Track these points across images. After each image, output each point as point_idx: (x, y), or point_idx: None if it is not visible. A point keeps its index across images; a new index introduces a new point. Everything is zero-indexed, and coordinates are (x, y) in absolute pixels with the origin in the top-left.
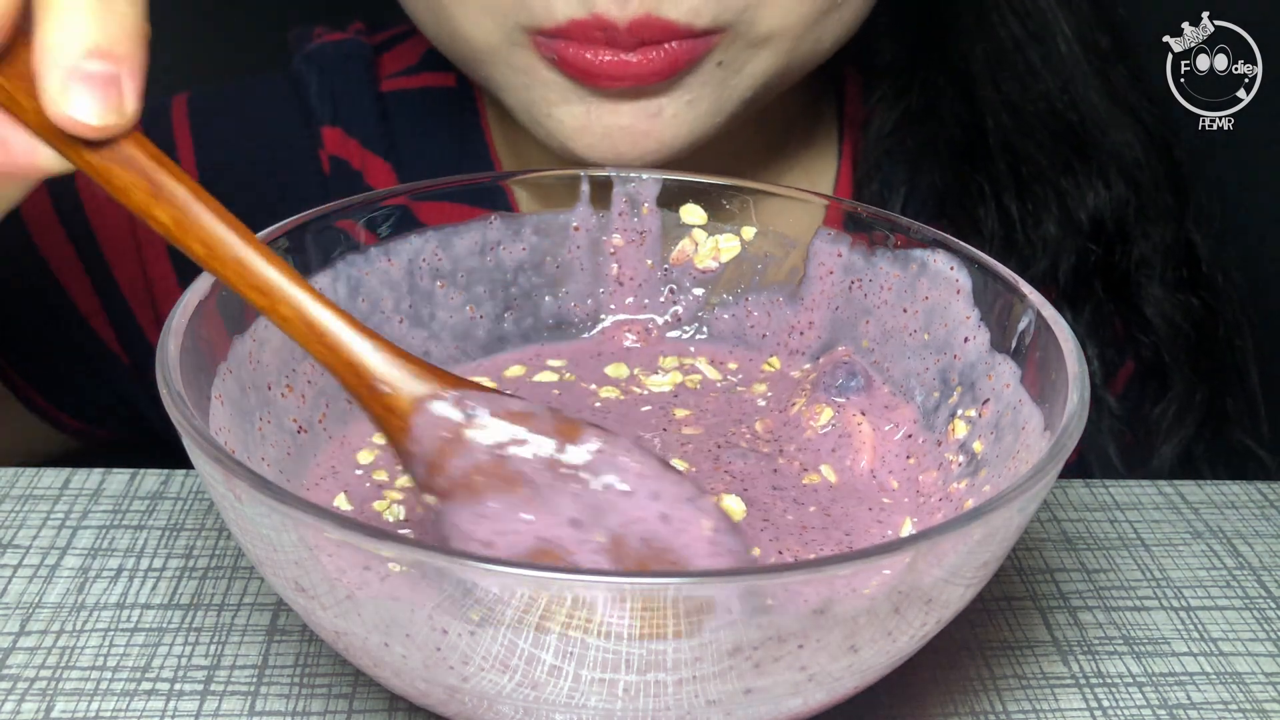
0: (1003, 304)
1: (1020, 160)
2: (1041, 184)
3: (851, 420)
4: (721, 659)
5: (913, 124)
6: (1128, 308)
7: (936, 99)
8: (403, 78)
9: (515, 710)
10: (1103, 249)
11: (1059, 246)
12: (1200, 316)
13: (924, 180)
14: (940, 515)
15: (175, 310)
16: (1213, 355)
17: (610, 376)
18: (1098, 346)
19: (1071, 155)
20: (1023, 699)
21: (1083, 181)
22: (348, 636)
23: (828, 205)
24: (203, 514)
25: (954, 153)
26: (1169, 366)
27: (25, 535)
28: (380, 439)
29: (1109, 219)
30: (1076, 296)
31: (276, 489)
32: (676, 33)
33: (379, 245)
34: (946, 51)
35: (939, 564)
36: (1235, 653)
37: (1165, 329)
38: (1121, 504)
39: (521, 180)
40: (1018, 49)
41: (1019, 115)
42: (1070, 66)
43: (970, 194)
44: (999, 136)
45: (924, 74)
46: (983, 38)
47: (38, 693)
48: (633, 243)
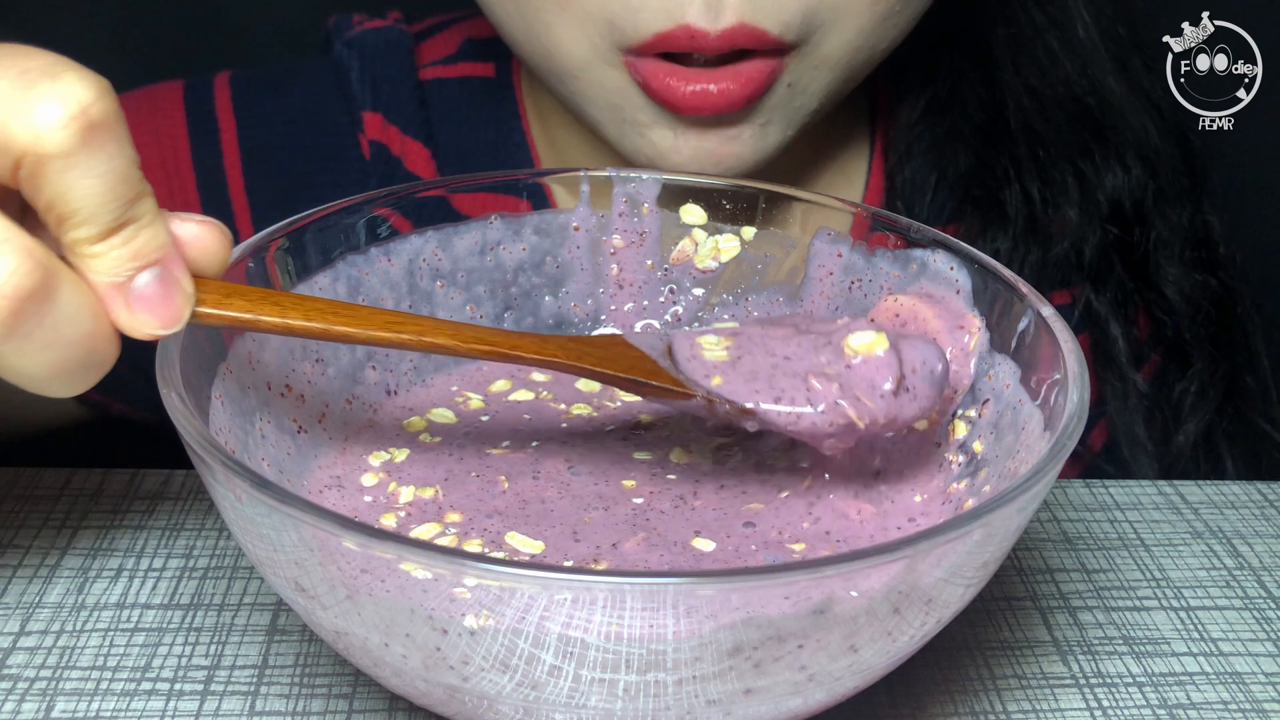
0: (1002, 304)
1: (1040, 143)
2: (1061, 166)
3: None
4: (721, 659)
5: (939, 110)
6: (1148, 288)
7: (960, 84)
8: (441, 66)
9: (515, 710)
10: (1122, 231)
11: (1081, 227)
12: (1219, 295)
13: (951, 166)
14: (940, 515)
15: None
16: (1231, 333)
17: (583, 392)
18: (1123, 325)
19: (1090, 139)
20: (1023, 699)
21: (1101, 164)
22: (348, 636)
23: (833, 206)
24: (203, 514)
25: (978, 136)
26: (1190, 344)
27: (25, 535)
28: (383, 454)
29: (1128, 201)
30: (1100, 275)
31: (276, 489)
32: (766, 42)
33: (379, 245)
34: (969, 37)
35: (939, 564)
36: (1235, 653)
37: (1185, 307)
38: (1121, 504)
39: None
40: (1038, 34)
41: (1038, 99)
42: (1089, 52)
43: (995, 176)
44: (1019, 119)
45: (949, 60)
46: (1004, 22)
47: (38, 693)
48: (633, 243)
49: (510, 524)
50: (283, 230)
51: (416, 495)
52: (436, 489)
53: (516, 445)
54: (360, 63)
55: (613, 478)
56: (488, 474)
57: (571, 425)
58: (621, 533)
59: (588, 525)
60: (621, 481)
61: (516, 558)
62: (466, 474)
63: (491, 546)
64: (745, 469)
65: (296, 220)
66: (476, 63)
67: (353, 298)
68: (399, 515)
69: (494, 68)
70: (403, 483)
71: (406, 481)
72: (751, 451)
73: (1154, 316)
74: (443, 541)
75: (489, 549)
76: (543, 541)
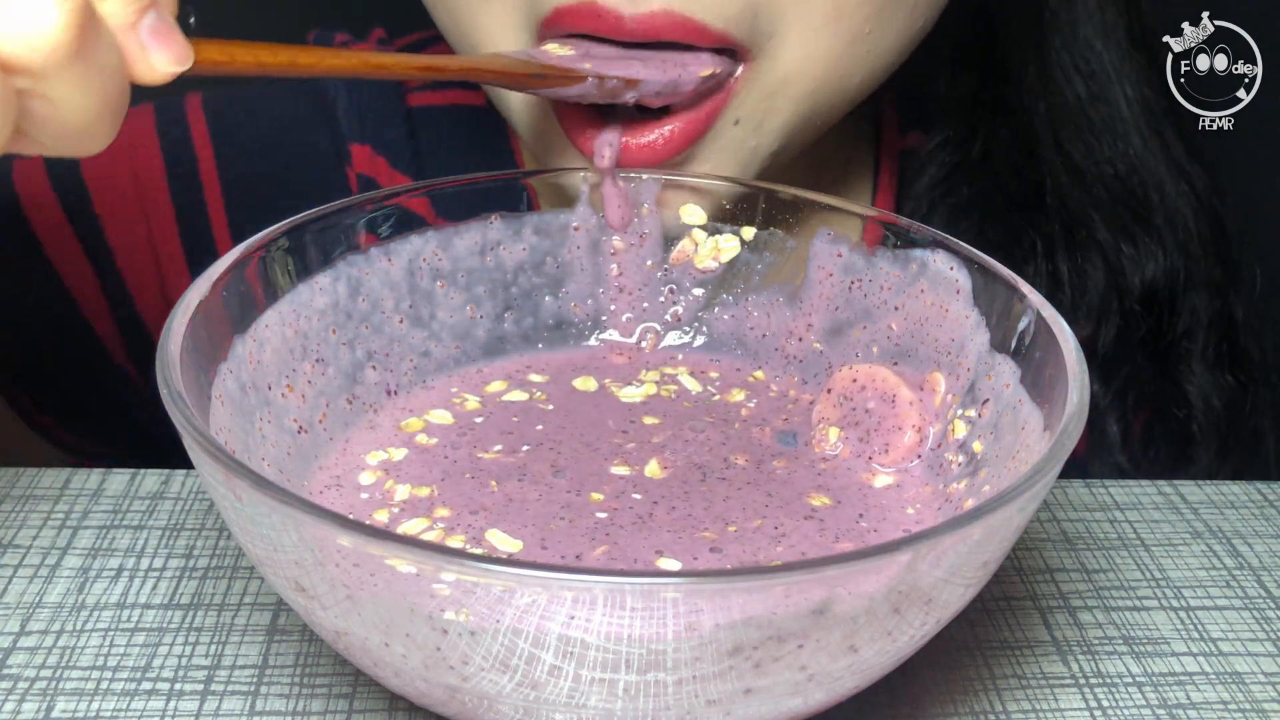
0: (1002, 304)
1: (1077, 221)
2: (1094, 247)
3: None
4: (721, 659)
5: (967, 173)
6: (1164, 379)
7: (996, 151)
8: (430, 92)
9: (515, 710)
10: (1150, 317)
11: (1104, 311)
12: (1234, 395)
13: (970, 230)
14: (940, 515)
15: (175, 310)
16: (1240, 434)
17: (579, 390)
18: (1121, 411)
19: (1131, 220)
20: (1023, 699)
21: (1142, 248)
22: (348, 636)
23: (833, 206)
24: (203, 514)
25: (1009, 206)
26: (1198, 444)
27: (25, 535)
28: (380, 453)
29: (1163, 287)
30: (1112, 363)
31: (277, 489)
32: (701, 36)
33: (379, 245)
34: (1009, 106)
35: (939, 564)
36: (1235, 653)
37: (1201, 408)
38: (1121, 504)
39: (540, 182)
40: (1081, 109)
41: (1081, 176)
42: (1130, 129)
43: (1021, 248)
44: (1057, 196)
45: (985, 126)
46: (1045, 95)
47: (38, 693)
48: (633, 244)
49: (492, 521)
50: (283, 230)
51: (412, 494)
52: (432, 489)
53: (509, 449)
54: (347, 91)
55: (585, 489)
56: (481, 476)
57: (563, 425)
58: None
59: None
60: (591, 494)
61: (496, 554)
62: (461, 475)
63: (473, 543)
64: (717, 487)
65: (297, 220)
66: (466, 90)
67: (353, 298)
68: (392, 511)
69: (485, 96)
70: (399, 481)
71: (403, 480)
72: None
73: (1160, 405)
74: (429, 536)
75: (469, 545)
76: (521, 540)
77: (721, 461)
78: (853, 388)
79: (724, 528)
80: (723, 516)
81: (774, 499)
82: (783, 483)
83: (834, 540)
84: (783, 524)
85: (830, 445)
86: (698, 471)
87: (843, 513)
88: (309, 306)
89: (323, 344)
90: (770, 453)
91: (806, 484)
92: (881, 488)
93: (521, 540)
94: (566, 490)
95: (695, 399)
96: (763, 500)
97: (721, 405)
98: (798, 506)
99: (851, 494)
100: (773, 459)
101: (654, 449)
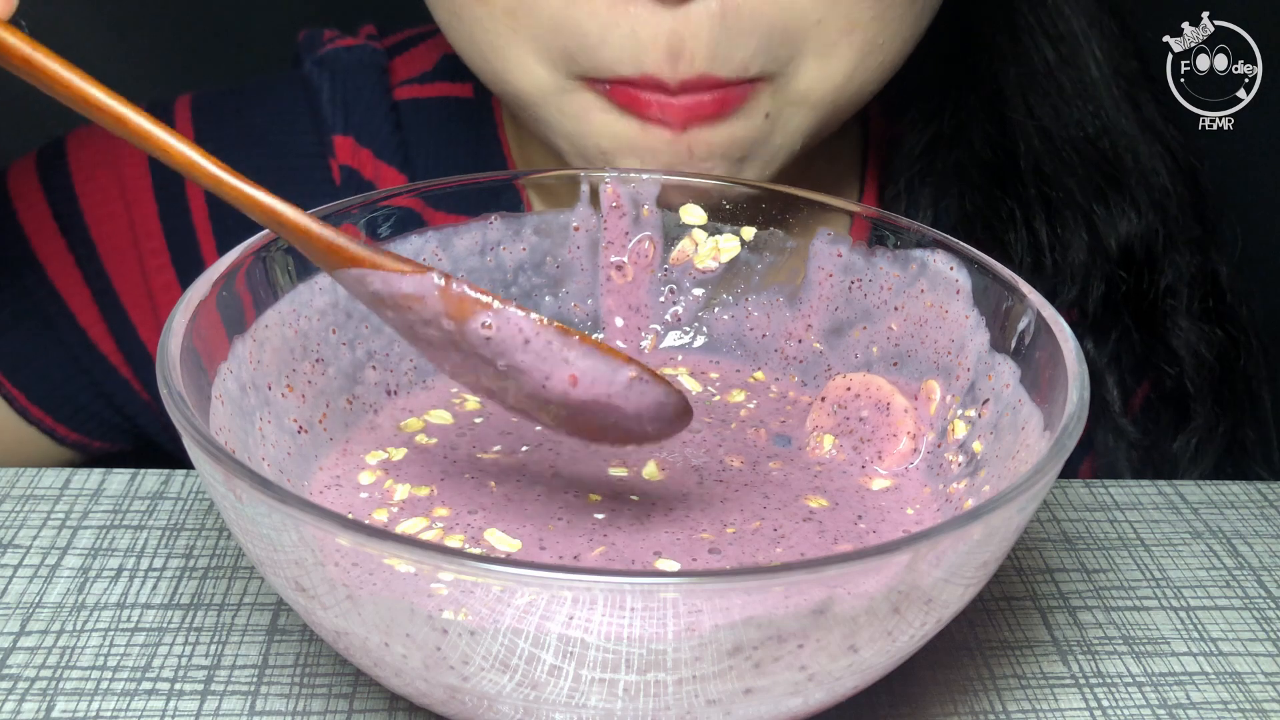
0: (1002, 304)
1: (1051, 185)
2: (1072, 210)
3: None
4: (721, 659)
5: (943, 146)
6: (1153, 338)
7: (968, 121)
8: (416, 85)
9: (515, 710)
10: (1132, 278)
11: (1088, 273)
12: (1224, 348)
13: (952, 204)
14: (940, 515)
15: (175, 310)
16: (1234, 387)
17: None
18: (1117, 374)
19: (1103, 182)
20: (1023, 699)
21: (1114, 209)
22: (348, 636)
23: (834, 206)
24: (203, 514)
25: (984, 176)
26: (1192, 398)
27: (25, 535)
28: (380, 453)
29: (1139, 247)
30: (1102, 325)
31: (277, 489)
32: (724, 85)
33: (379, 245)
34: (979, 74)
35: (939, 564)
36: (1235, 653)
37: (1191, 361)
38: (1121, 504)
39: (532, 182)
40: (1050, 73)
41: (1051, 140)
42: (1101, 92)
43: (1000, 218)
44: (1030, 161)
45: (955, 96)
46: (1015, 61)
47: (38, 693)
48: (633, 245)
49: (491, 521)
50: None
51: (411, 493)
52: (432, 488)
53: (508, 449)
54: (331, 83)
55: (584, 490)
56: (480, 476)
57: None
58: (581, 546)
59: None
60: (589, 495)
61: (494, 554)
62: (460, 475)
63: (471, 543)
64: (714, 489)
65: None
66: (453, 83)
67: (353, 298)
68: (391, 511)
69: (472, 88)
70: (399, 481)
71: (403, 480)
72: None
73: (1156, 366)
74: (428, 536)
75: (468, 545)
76: (519, 541)
77: (718, 463)
78: (847, 395)
79: (722, 529)
80: (721, 518)
81: (771, 500)
82: (779, 485)
83: (833, 542)
84: (781, 525)
85: (825, 453)
86: (695, 474)
87: (841, 514)
88: (309, 306)
89: (323, 344)
90: (766, 454)
91: (803, 486)
92: (879, 490)
93: (520, 540)
94: (565, 491)
95: (695, 400)
96: (760, 502)
97: (721, 406)
98: (796, 508)
99: (849, 496)
100: (768, 460)
101: (652, 450)
